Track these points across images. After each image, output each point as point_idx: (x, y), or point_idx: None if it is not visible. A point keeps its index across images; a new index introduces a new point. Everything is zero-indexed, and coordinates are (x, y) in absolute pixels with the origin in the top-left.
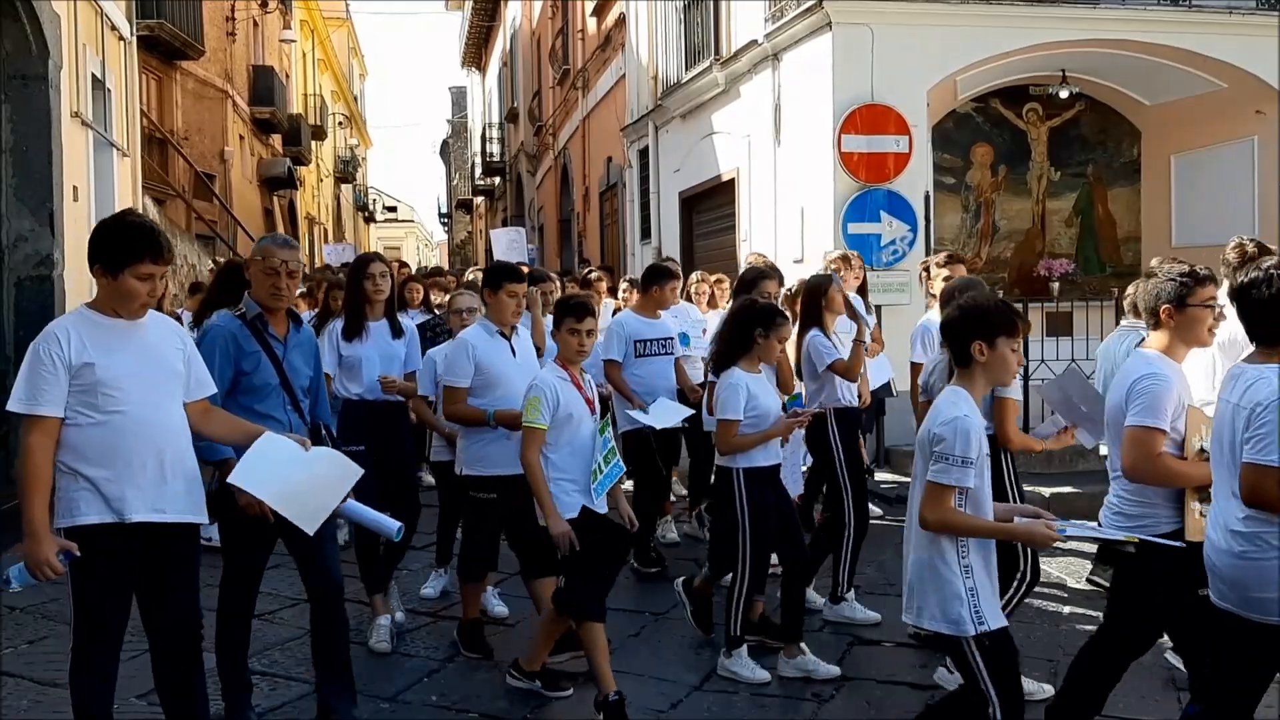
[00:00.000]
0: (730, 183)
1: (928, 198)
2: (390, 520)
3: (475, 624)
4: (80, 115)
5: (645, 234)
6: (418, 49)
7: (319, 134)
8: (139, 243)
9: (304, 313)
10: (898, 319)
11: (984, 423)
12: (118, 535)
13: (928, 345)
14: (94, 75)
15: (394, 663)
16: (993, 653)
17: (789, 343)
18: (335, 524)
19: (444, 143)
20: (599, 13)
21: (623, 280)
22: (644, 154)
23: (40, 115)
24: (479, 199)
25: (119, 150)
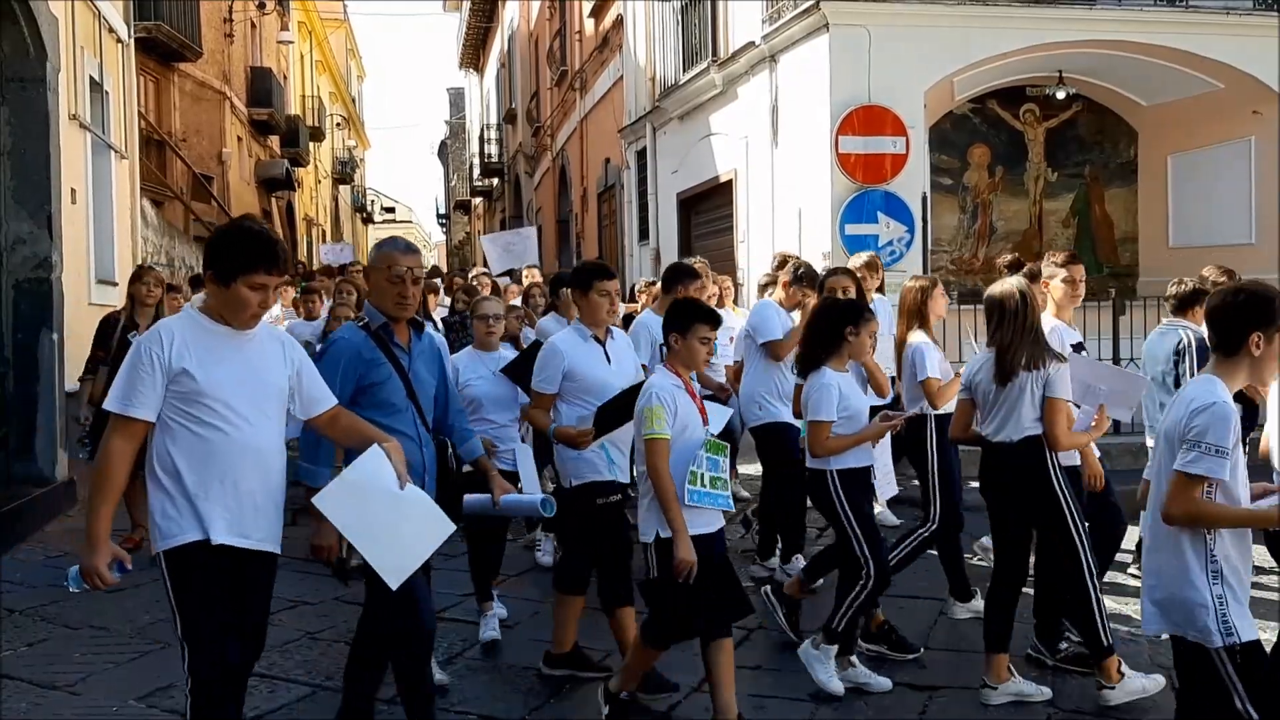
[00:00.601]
0: (728, 184)
1: (925, 199)
2: (533, 496)
3: (576, 651)
4: (78, 117)
5: (643, 235)
6: (415, 50)
7: (317, 135)
8: (254, 251)
9: (307, 320)
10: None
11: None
12: (208, 552)
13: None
14: (92, 77)
15: None
16: (1245, 667)
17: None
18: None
19: (442, 144)
20: (597, 14)
21: (642, 280)
22: (642, 155)
23: (38, 118)
24: (477, 200)
25: (117, 152)
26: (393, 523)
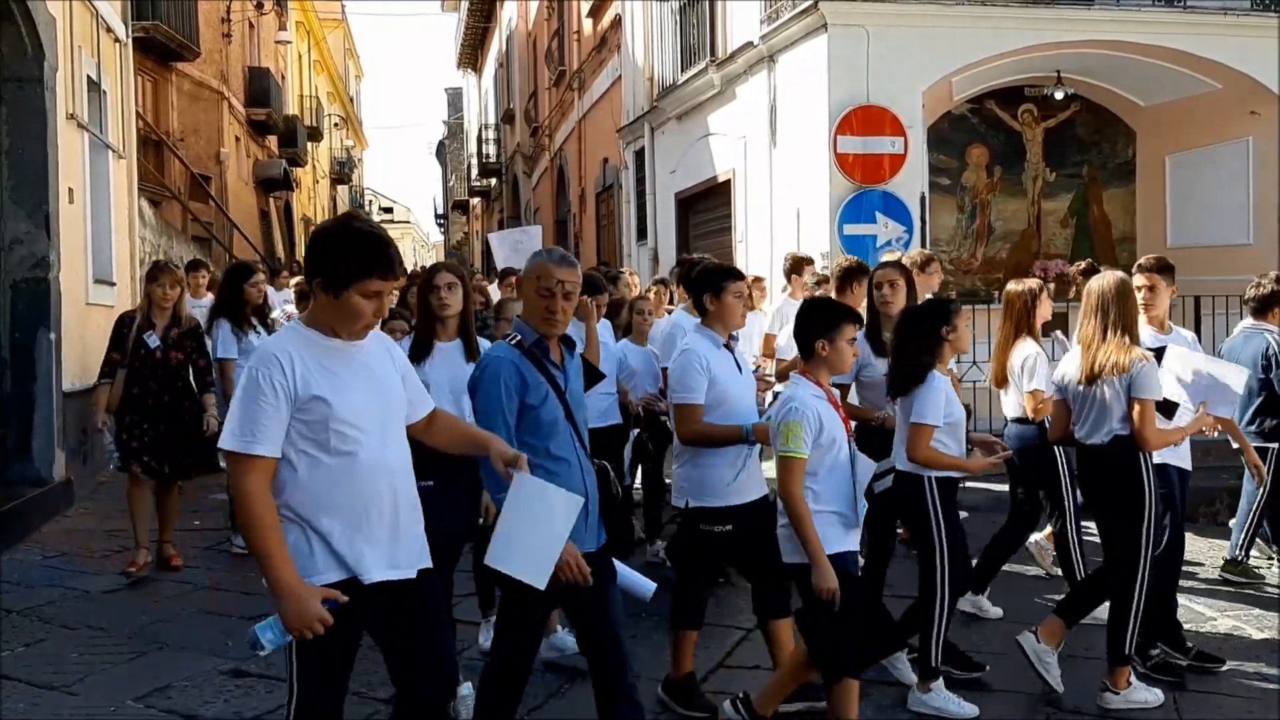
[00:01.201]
0: (726, 184)
1: (923, 199)
2: (646, 580)
3: (689, 680)
4: (76, 117)
5: (641, 235)
6: (413, 50)
7: (315, 135)
8: (367, 256)
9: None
10: None
11: None
12: (351, 591)
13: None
14: (89, 77)
15: None
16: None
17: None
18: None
19: (440, 144)
20: (595, 14)
21: (654, 281)
22: (640, 155)
23: (36, 117)
24: (475, 200)
25: (115, 152)
26: (543, 532)
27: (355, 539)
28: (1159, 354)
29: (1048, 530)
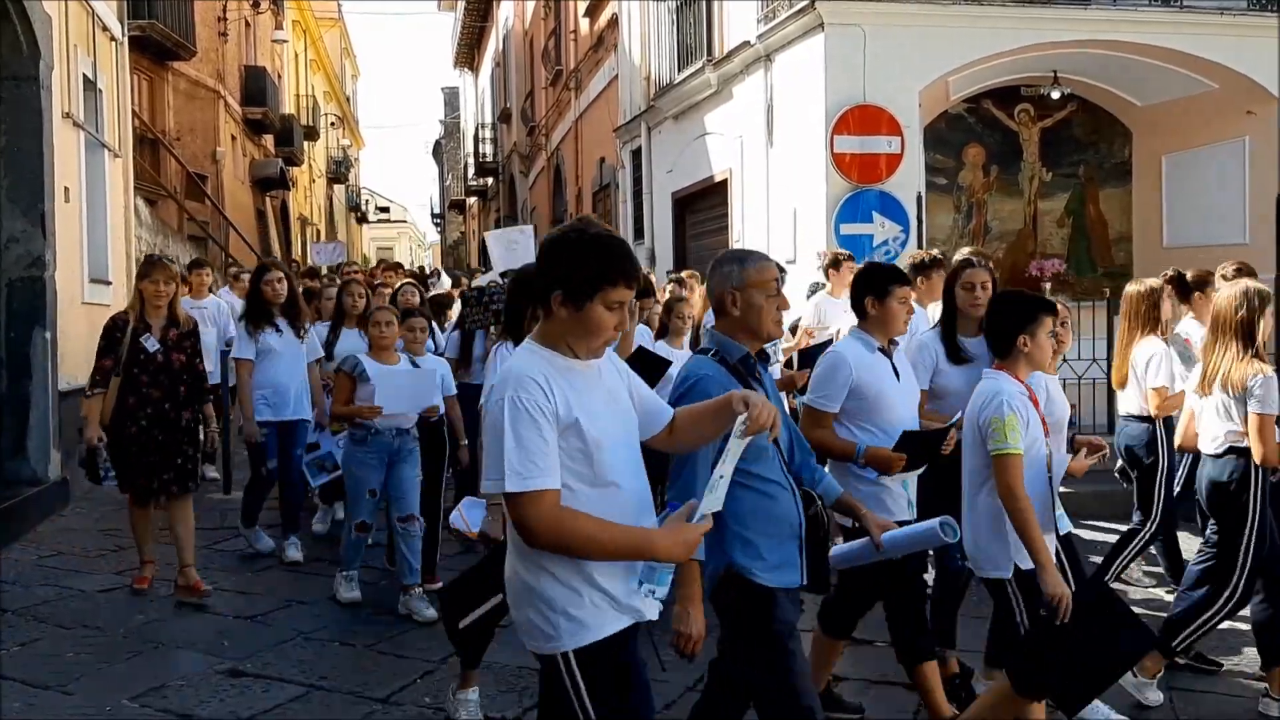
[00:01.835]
0: (723, 183)
1: (920, 198)
2: (925, 524)
3: (827, 692)
4: (72, 116)
5: (638, 234)
6: (410, 49)
7: (311, 134)
8: (609, 261)
9: (311, 324)
10: None
11: None
12: (633, 636)
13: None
14: (85, 76)
15: (387, 663)
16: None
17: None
18: None
19: (437, 143)
20: (591, 13)
21: (669, 277)
22: (636, 155)
23: (32, 116)
24: (472, 199)
25: (111, 151)
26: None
27: (617, 578)
28: None
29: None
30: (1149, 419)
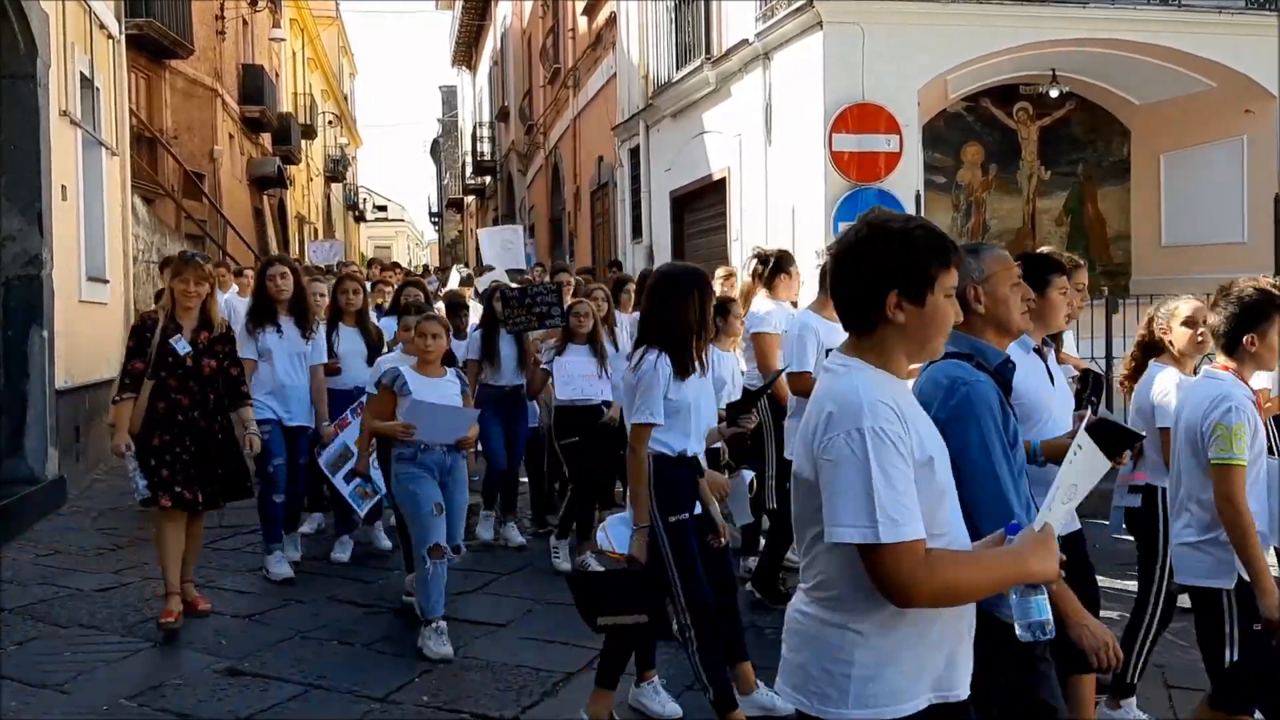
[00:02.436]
0: (721, 182)
1: (919, 197)
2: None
3: None
4: (69, 114)
5: (636, 233)
6: (408, 48)
7: (309, 133)
8: (939, 245)
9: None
10: None
11: None
12: (942, 714)
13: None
14: (83, 74)
15: (385, 662)
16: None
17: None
18: None
19: (434, 142)
20: (590, 12)
21: (721, 269)
22: (635, 153)
23: (29, 114)
24: (470, 198)
25: (108, 149)
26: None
27: (959, 651)
28: None
29: None
30: None
